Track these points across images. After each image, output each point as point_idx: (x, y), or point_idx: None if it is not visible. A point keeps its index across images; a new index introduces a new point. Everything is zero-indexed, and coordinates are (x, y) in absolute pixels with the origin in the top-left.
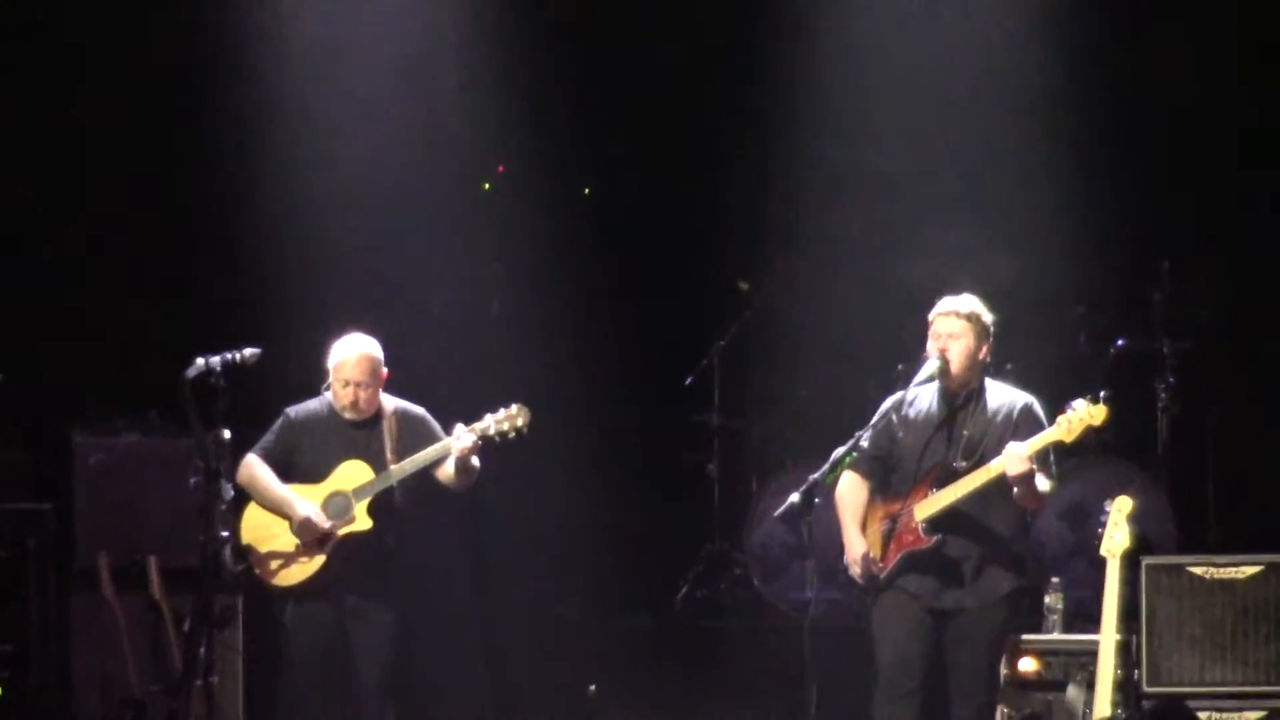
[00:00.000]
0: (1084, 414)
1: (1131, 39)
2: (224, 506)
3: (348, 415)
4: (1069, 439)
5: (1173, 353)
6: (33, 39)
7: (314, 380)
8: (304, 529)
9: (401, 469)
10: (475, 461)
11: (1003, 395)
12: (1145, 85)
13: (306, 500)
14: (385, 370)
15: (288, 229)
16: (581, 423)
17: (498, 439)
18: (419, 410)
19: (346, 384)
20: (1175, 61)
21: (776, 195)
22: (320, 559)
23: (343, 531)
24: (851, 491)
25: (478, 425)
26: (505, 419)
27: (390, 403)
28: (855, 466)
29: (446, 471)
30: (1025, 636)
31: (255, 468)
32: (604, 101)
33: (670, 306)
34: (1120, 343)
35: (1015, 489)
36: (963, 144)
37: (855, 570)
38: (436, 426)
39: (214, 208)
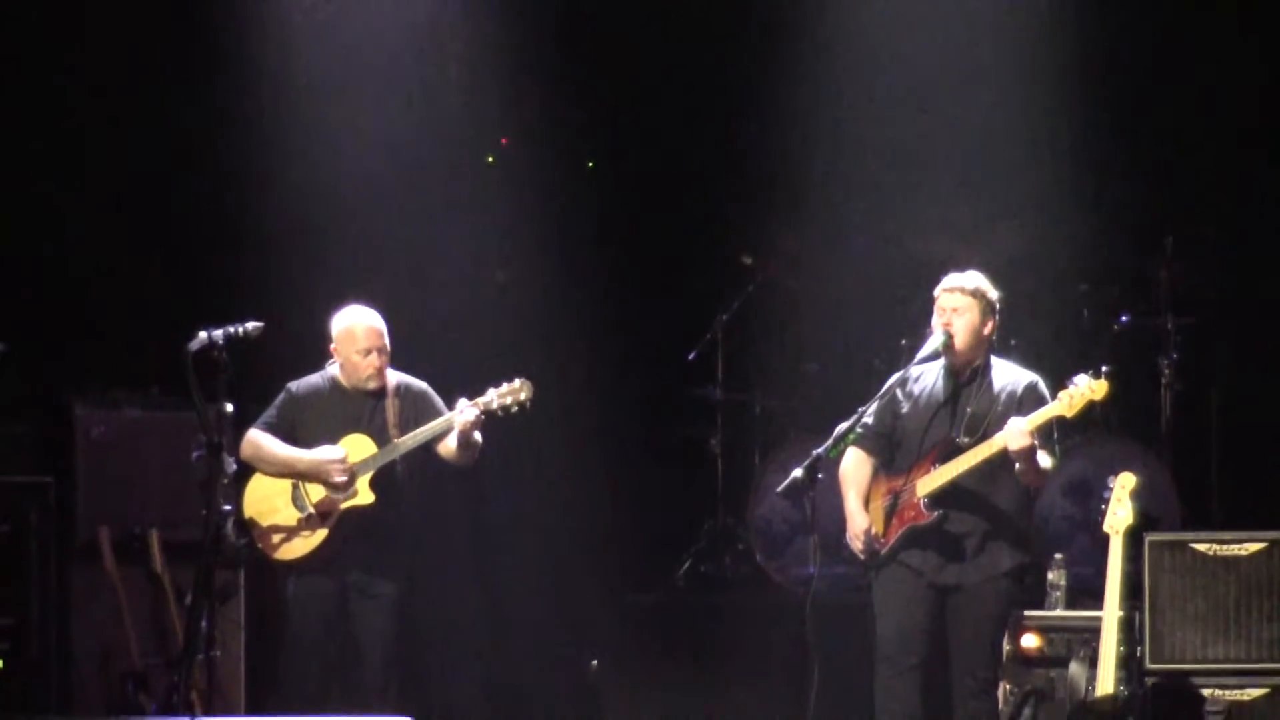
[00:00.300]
0: (1085, 389)
1: (1136, 14)
2: (226, 480)
3: (371, 385)
4: (1070, 414)
5: (1176, 329)
6: (32, 13)
7: (316, 354)
8: (325, 470)
9: (404, 443)
10: (477, 436)
11: (1008, 373)
12: (1149, 61)
13: (320, 449)
14: None
15: (290, 202)
16: (584, 397)
17: (500, 413)
18: (421, 384)
19: (367, 352)
20: (1180, 37)
21: (781, 169)
22: (322, 533)
23: (345, 505)
24: (856, 467)
25: (480, 399)
26: (508, 393)
27: (393, 377)
28: (860, 443)
29: (448, 446)
30: (1028, 613)
31: (259, 438)
32: (608, 74)
33: (673, 280)
34: (1123, 319)
35: (1017, 465)
36: (967, 120)
37: (857, 545)
38: (439, 401)
39: (216, 181)
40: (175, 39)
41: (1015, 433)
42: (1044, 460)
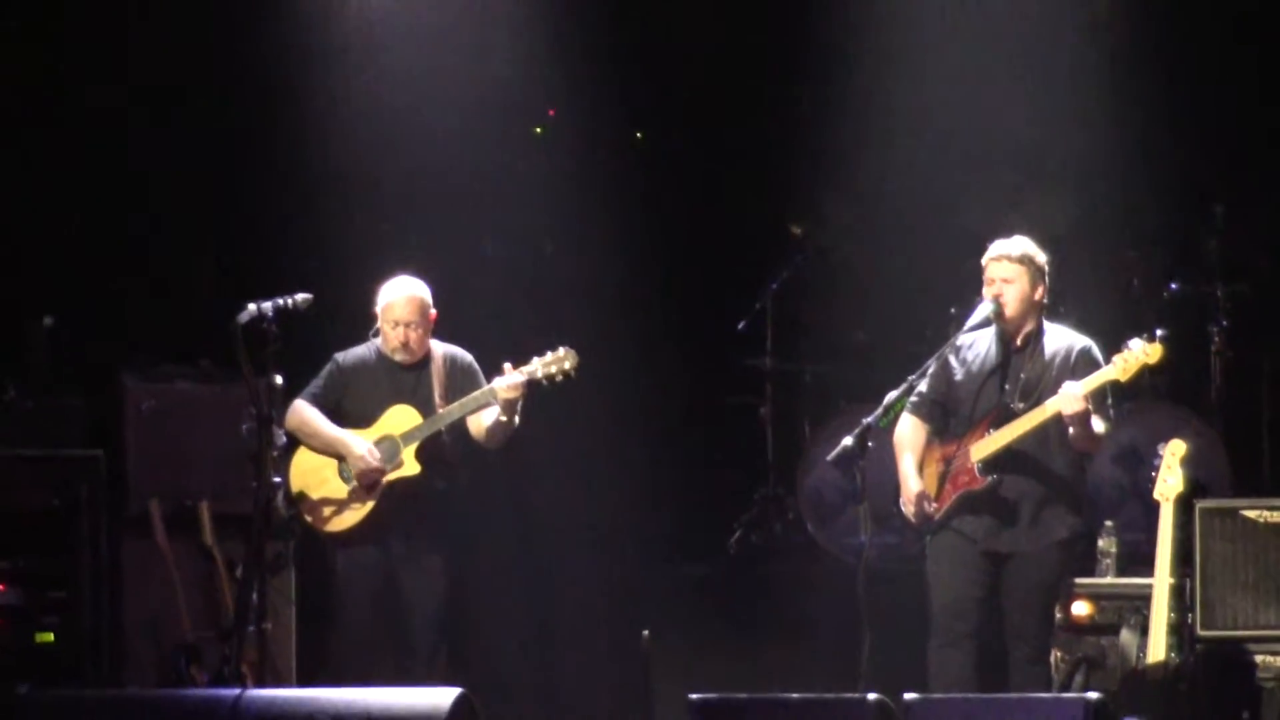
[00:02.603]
0: (1140, 353)
1: None
2: (276, 453)
3: (398, 357)
4: (1125, 378)
5: (1226, 295)
6: None
7: (365, 325)
8: (359, 465)
9: (449, 413)
10: (517, 416)
11: (1061, 338)
12: (1201, 26)
13: (360, 438)
14: (434, 311)
15: (339, 173)
16: (633, 367)
17: (545, 382)
18: (467, 356)
19: (396, 325)
20: (1231, 2)
21: (829, 138)
22: (369, 504)
23: (391, 476)
24: (911, 433)
25: (525, 368)
26: (553, 362)
27: (439, 348)
28: (915, 410)
29: (480, 424)
30: (1079, 580)
31: (304, 411)
32: (656, 43)
33: (723, 250)
34: (1173, 286)
35: (1070, 429)
36: (1015, 86)
37: (909, 510)
38: (482, 376)
39: (265, 153)
40: (224, 12)
41: (1069, 397)
42: (1098, 425)
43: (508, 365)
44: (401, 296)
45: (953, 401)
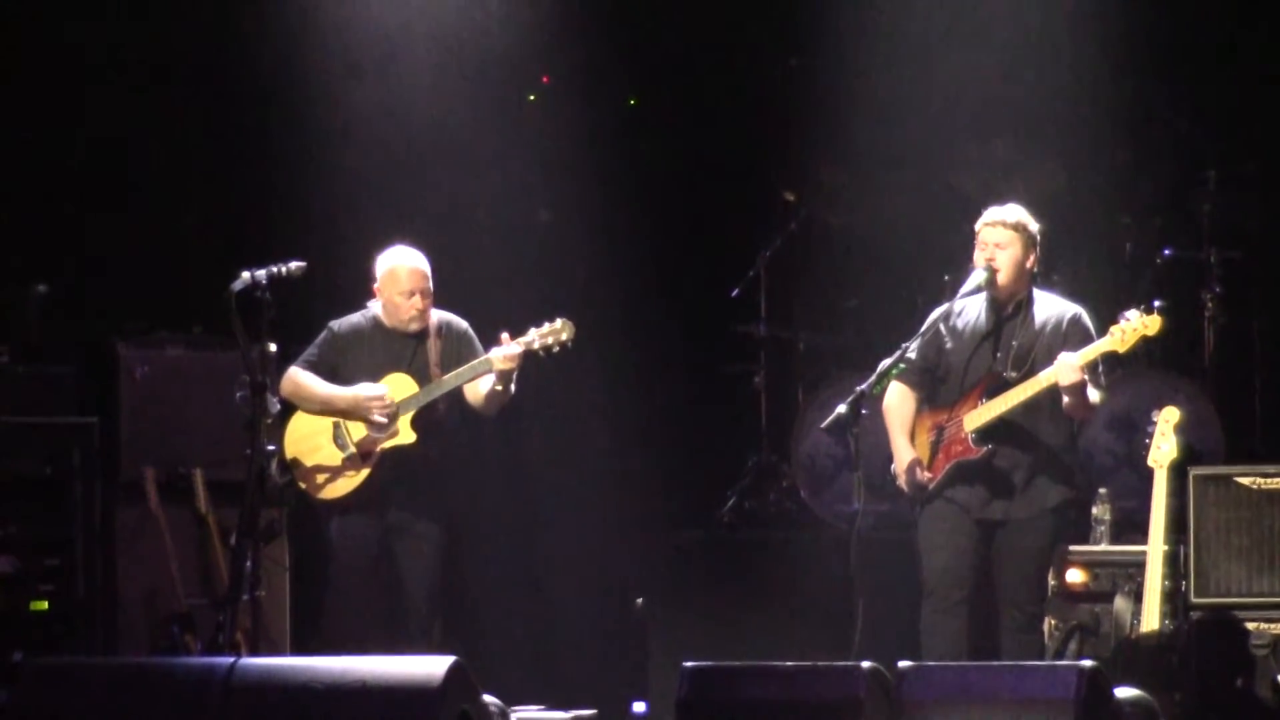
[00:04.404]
0: (1137, 324)
1: None
2: (270, 420)
3: (413, 327)
4: (1122, 349)
5: (1219, 262)
6: None
7: (359, 293)
8: (369, 408)
9: (446, 382)
10: (513, 384)
11: (1051, 305)
12: None
13: (360, 385)
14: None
15: (332, 141)
16: (627, 334)
17: (542, 353)
18: (462, 323)
19: (411, 294)
20: None
21: (824, 104)
22: (365, 472)
23: (386, 444)
24: (900, 402)
25: (522, 338)
26: (549, 333)
27: (434, 315)
28: (903, 378)
29: (477, 391)
30: (1073, 548)
31: (300, 376)
32: (649, 10)
33: (716, 217)
34: (1166, 252)
35: (1066, 399)
36: (1010, 53)
37: (903, 480)
38: (478, 342)
39: (258, 119)
40: None
41: (1067, 367)
42: (1093, 394)
43: (505, 335)
44: (409, 266)
45: (943, 369)
